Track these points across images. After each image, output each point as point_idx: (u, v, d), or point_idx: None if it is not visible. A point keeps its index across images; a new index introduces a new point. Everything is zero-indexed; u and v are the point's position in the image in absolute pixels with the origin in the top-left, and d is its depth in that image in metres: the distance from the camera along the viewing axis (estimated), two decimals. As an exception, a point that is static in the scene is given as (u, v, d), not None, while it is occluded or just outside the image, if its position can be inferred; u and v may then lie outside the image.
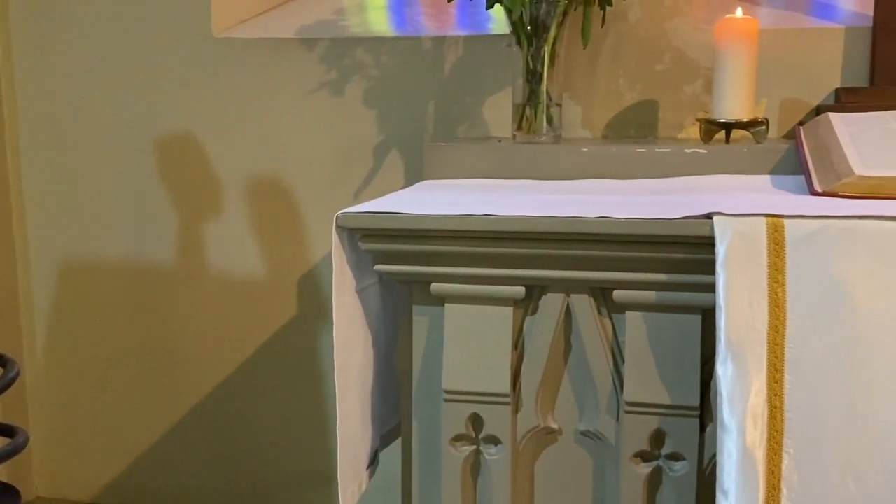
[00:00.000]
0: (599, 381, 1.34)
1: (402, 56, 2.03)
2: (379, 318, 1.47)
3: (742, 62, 1.66)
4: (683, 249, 1.25)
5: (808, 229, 1.17)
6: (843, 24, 1.86)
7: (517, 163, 1.70)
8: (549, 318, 1.35)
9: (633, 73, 1.93)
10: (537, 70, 1.73)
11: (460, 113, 2.01)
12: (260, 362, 2.22)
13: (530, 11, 1.69)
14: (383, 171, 2.06)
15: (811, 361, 1.17)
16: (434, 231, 1.30)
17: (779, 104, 1.87)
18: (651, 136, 1.93)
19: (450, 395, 1.37)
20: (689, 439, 1.31)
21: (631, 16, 1.90)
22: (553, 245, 1.28)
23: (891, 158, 1.39)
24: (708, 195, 1.38)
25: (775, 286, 1.18)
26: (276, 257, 2.17)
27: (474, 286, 1.34)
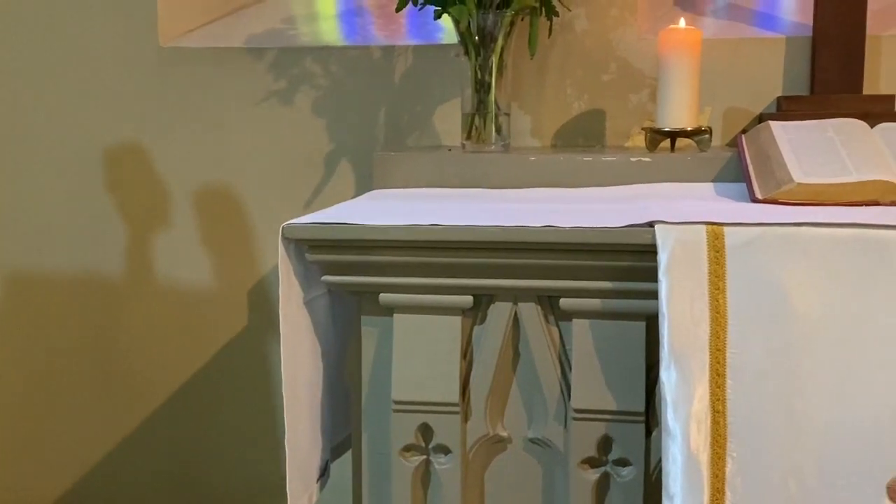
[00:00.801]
0: (547, 389, 1.36)
1: (351, 65, 2.02)
2: (328, 329, 1.46)
3: (685, 72, 1.69)
4: (627, 257, 1.27)
5: (746, 236, 1.19)
6: (784, 34, 1.90)
7: (466, 172, 1.71)
8: (497, 327, 1.36)
9: (580, 83, 1.95)
10: (485, 80, 1.74)
11: (410, 122, 2.01)
12: (210, 375, 2.19)
13: (478, 22, 1.71)
14: (333, 181, 2.05)
15: (752, 366, 1.19)
16: (381, 241, 1.30)
17: (723, 113, 1.90)
18: (599, 145, 1.96)
19: (399, 406, 1.37)
20: (636, 445, 1.33)
21: (577, 26, 1.92)
22: (500, 254, 1.29)
23: (829, 166, 1.43)
24: (651, 203, 1.40)
25: (716, 293, 1.20)
26: (225, 268, 2.15)
27: (422, 296, 1.34)
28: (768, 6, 2.08)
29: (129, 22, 2.11)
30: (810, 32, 1.81)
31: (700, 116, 1.85)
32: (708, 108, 1.89)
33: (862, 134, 1.51)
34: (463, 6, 1.67)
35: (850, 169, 1.41)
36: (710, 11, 2.08)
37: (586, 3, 1.91)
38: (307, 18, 2.27)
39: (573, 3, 1.89)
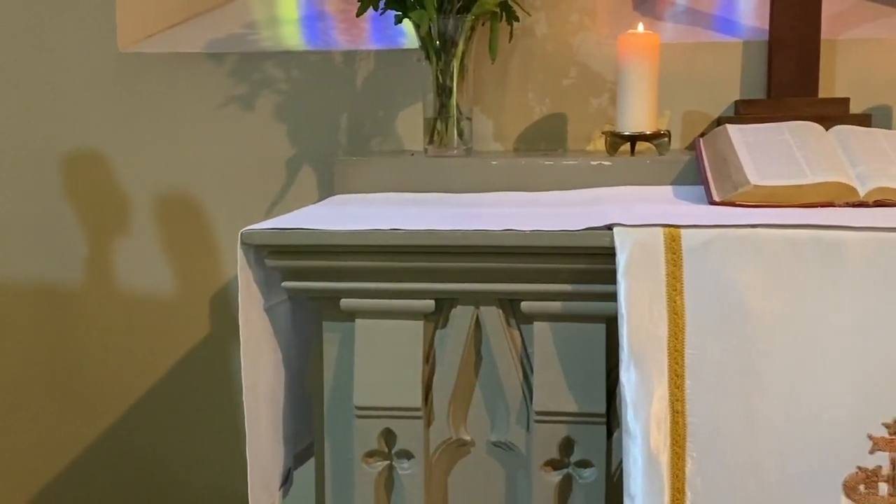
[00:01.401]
0: (509, 392, 1.36)
1: (312, 70, 2.02)
2: (289, 335, 1.46)
3: (644, 76, 1.71)
4: (586, 260, 1.28)
5: (703, 238, 1.20)
6: (741, 39, 1.92)
7: (429, 176, 1.71)
8: (459, 331, 1.36)
9: (541, 87, 1.96)
10: (447, 84, 1.75)
11: (373, 127, 2.01)
12: (172, 383, 2.17)
13: (438, 26, 1.71)
14: (296, 187, 2.04)
15: (710, 367, 1.20)
16: (342, 246, 1.30)
17: (682, 116, 1.92)
18: (560, 149, 1.97)
19: (361, 411, 1.37)
20: (597, 446, 1.33)
21: (538, 31, 1.94)
22: (461, 258, 1.30)
23: (785, 168, 1.45)
24: (610, 206, 1.41)
25: (674, 294, 1.21)
26: (186, 275, 2.13)
27: (384, 301, 1.34)
28: (726, 11, 2.11)
29: (88, 27, 2.09)
30: (767, 37, 1.84)
31: (659, 120, 1.87)
32: (667, 111, 1.91)
33: (817, 136, 1.53)
34: (423, 11, 1.67)
35: (806, 171, 1.43)
36: (669, 16, 2.10)
37: (546, 7, 1.93)
38: (268, 23, 2.25)
39: (533, 8, 1.91)
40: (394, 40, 2.06)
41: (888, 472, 1.18)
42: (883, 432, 1.17)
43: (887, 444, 1.17)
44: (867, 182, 1.40)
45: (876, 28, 1.91)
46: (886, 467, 1.18)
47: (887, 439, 1.17)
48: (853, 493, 1.18)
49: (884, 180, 1.40)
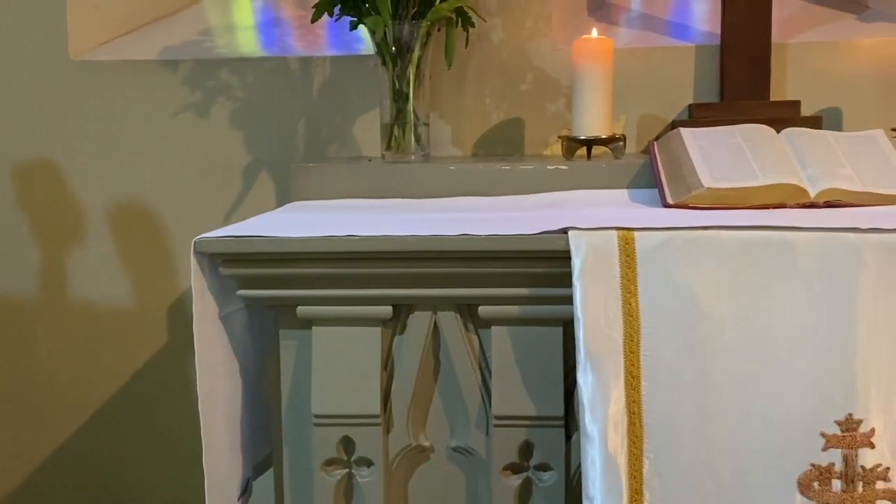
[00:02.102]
0: (468, 397, 1.36)
1: (268, 77, 2.00)
2: (246, 343, 1.44)
3: (599, 81, 1.72)
4: (542, 264, 1.28)
5: (656, 241, 1.21)
6: (694, 43, 1.94)
7: (387, 182, 1.71)
8: (417, 337, 1.35)
9: (498, 93, 1.97)
10: (403, 90, 1.75)
11: (330, 133, 2.00)
12: (129, 394, 2.14)
13: (393, 32, 1.71)
14: (253, 194, 2.02)
15: (665, 368, 1.21)
16: (297, 254, 1.29)
17: (637, 120, 1.94)
18: (518, 154, 1.98)
19: (320, 420, 1.36)
20: (556, 449, 1.34)
21: (494, 37, 1.94)
22: (418, 263, 1.29)
23: (737, 171, 1.47)
24: (566, 210, 1.42)
25: (628, 296, 1.22)
26: (143, 285, 2.10)
27: (341, 308, 1.33)
28: (680, 16, 2.13)
29: (38, 35, 2.06)
30: (719, 41, 1.86)
31: (615, 124, 1.88)
32: (623, 115, 1.92)
33: (769, 139, 1.55)
34: (378, 17, 1.67)
35: (757, 173, 1.45)
36: (624, 21, 2.12)
37: (502, 13, 1.93)
38: (224, 30, 2.24)
39: (489, 14, 1.91)
40: (351, 46, 2.05)
41: (841, 469, 1.19)
42: (835, 430, 1.19)
43: (840, 442, 1.19)
44: (817, 183, 1.43)
45: (826, 31, 1.94)
46: (839, 464, 1.19)
47: (839, 436, 1.19)
48: (807, 490, 1.20)
49: (834, 181, 1.43)
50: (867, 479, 1.19)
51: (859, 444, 1.19)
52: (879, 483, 1.19)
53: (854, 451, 1.19)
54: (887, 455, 1.19)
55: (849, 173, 1.44)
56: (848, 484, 1.19)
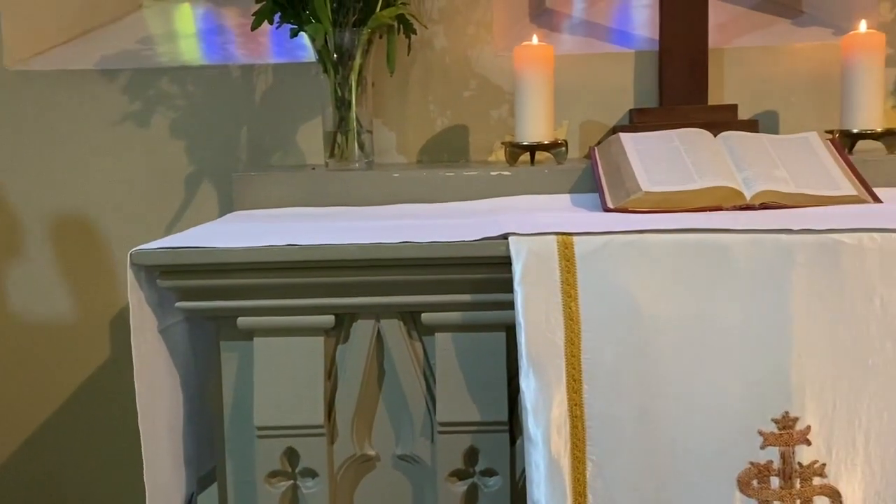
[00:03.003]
0: (413, 404, 1.36)
1: (209, 85, 1.98)
2: (187, 356, 1.42)
3: (540, 87, 1.73)
4: (484, 270, 1.28)
5: (594, 245, 1.22)
6: (634, 49, 1.97)
7: (331, 190, 1.70)
8: (361, 346, 1.35)
9: (442, 100, 1.97)
10: (345, 97, 1.74)
11: (273, 141, 1.99)
12: (71, 410, 2.10)
13: (334, 40, 1.70)
14: (195, 204, 2.00)
15: (606, 370, 1.22)
16: (236, 264, 1.28)
17: (579, 126, 1.96)
18: (463, 160, 1.98)
19: (263, 431, 1.34)
20: (501, 454, 1.34)
21: (436, 44, 1.95)
22: (359, 272, 1.29)
23: (675, 174, 1.49)
24: (508, 216, 1.42)
25: (569, 300, 1.23)
26: (84, 299, 2.06)
27: (282, 318, 1.32)
28: (620, 22, 2.16)
29: (-29, 44, 2.01)
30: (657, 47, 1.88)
31: (558, 130, 1.90)
32: (565, 121, 1.94)
33: (706, 142, 1.58)
34: (318, 24, 1.67)
35: (695, 176, 1.47)
36: (566, 28, 2.14)
37: (444, 20, 1.94)
38: (165, 38, 2.21)
39: (431, 21, 1.92)
40: (294, 54, 2.04)
41: (779, 466, 1.21)
42: (772, 428, 1.21)
43: (777, 439, 1.21)
44: (753, 185, 1.45)
45: (761, 36, 1.98)
46: (777, 461, 1.21)
47: (776, 434, 1.21)
48: (747, 489, 1.22)
49: (769, 183, 1.45)
50: (804, 476, 1.21)
51: (796, 442, 1.21)
52: (816, 479, 1.22)
53: (791, 449, 1.21)
54: (823, 451, 1.21)
55: (783, 175, 1.47)
56: (786, 481, 1.21)
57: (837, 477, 1.21)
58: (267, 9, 1.75)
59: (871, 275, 1.19)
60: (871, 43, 1.71)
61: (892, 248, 1.20)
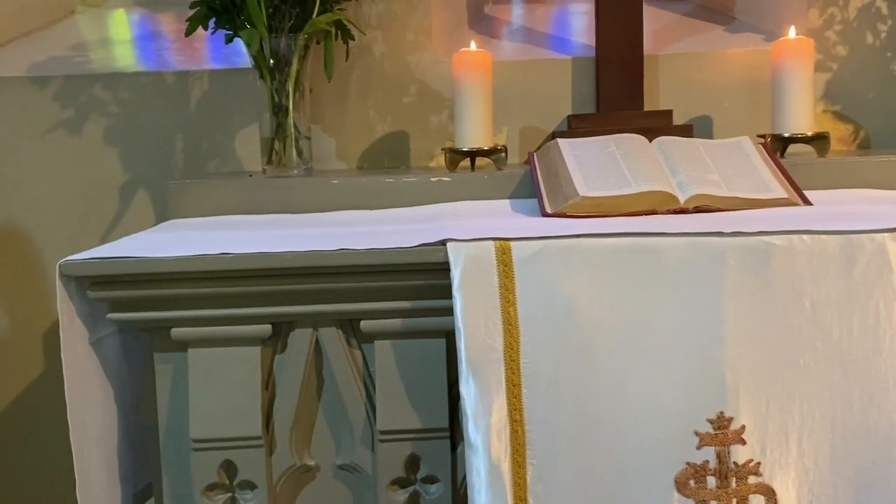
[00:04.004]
0: (353, 413, 1.34)
1: (143, 92, 1.95)
2: (120, 369, 1.39)
3: (479, 93, 1.74)
4: (423, 276, 1.28)
5: (531, 250, 1.23)
6: (571, 56, 1.99)
7: (268, 197, 1.68)
8: (299, 355, 1.33)
9: (382, 106, 1.96)
10: (283, 103, 1.72)
11: (210, 148, 1.96)
12: (3, 425, 2.03)
13: (270, 45, 1.68)
14: (131, 213, 1.96)
15: (545, 374, 1.23)
16: (168, 274, 1.25)
17: (519, 131, 1.97)
18: (404, 166, 1.98)
19: (199, 444, 1.32)
20: (442, 461, 1.34)
21: (375, 50, 1.94)
22: (296, 280, 1.27)
23: (611, 179, 1.50)
24: (447, 222, 1.42)
25: (507, 305, 1.23)
26: (17, 311, 2.01)
27: (217, 328, 1.30)
28: (559, 29, 2.18)
29: None
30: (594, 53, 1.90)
31: (497, 136, 1.91)
32: (505, 127, 1.95)
33: (641, 147, 1.60)
34: (253, 30, 1.65)
35: (630, 181, 1.48)
36: (505, 34, 2.15)
37: (382, 26, 1.94)
38: (98, 44, 2.16)
39: (369, 27, 1.91)
40: (232, 60, 2.01)
41: (715, 466, 1.23)
42: (708, 428, 1.23)
43: (712, 439, 1.23)
44: (687, 189, 1.47)
45: (695, 42, 2.02)
46: (713, 461, 1.23)
47: (712, 434, 1.23)
48: (684, 489, 1.23)
49: (702, 187, 1.48)
50: (740, 475, 1.23)
51: (731, 441, 1.23)
52: (751, 478, 1.24)
53: (726, 448, 1.23)
54: (757, 450, 1.23)
55: (716, 179, 1.50)
56: (722, 480, 1.23)
57: (772, 475, 1.24)
58: (201, 14, 1.73)
59: (801, 276, 1.22)
60: (801, 48, 1.75)
61: (821, 249, 1.22)
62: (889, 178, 1.63)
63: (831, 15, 1.94)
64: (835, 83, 1.95)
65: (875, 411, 1.23)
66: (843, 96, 1.95)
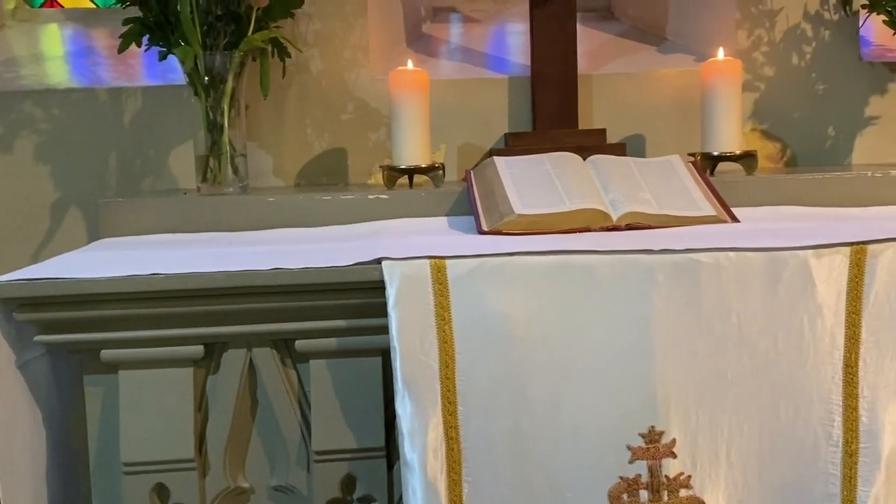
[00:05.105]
0: (288, 434, 1.33)
1: (75, 109, 1.91)
2: (49, 391, 1.35)
3: (416, 111, 1.75)
4: (358, 295, 1.28)
5: (466, 268, 1.24)
6: (508, 75, 2.01)
7: (203, 216, 1.66)
8: (232, 375, 1.32)
9: (319, 123, 1.96)
10: (218, 121, 1.71)
11: (144, 166, 1.93)
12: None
13: (205, 62, 1.67)
14: (63, 232, 1.92)
15: (480, 392, 1.24)
16: (98, 295, 1.23)
17: (457, 149, 1.98)
18: (342, 183, 1.97)
19: (130, 468, 1.30)
20: (378, 481, 1.33)
21: (313, 67, 1.94)
22: (228, 300, 1.26)
23: (546, 197, 1.52)
24: (383, 240, 1.42)
25: (442, 323, 1.23)
26: (-60, 333, 1.94)
27: (148, 349, 1.28)
28: (496, 48, 2.20)
29: None
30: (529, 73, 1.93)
31: (435, 153, 1.92)
32: (443, 144, 1.97)
33: (575, 166, 1.62)
34: (187, 47, 1.63)
35: (564, 199, 1.51)
36: (443, 53, 2.17)
37: (319, 44, 1.94)
38: (29, 59, 2.12)
39: (306, 45, 1.91)
40: (167, 76, 1.99)
41: (647, 480, 1.25)
42: (640, 442, 1.24)
43: (644, 453, 1.25)
44: (619, 207, 1.50)
45: (628, 63, 2.06)
46: (645, 475, 1.25)
47: (644, 448, 1.24)
48: (617, 502, 1.25)
49: (634, 205, 1.50)
50: (671, 488, 1.25)
51: (662, 455, 1.25)
52: (683, 491, 1.26)
53: (658, 462, 1.25)
54: (688, 463, 1.25)
55: (647, 197, 1.53)
56: (654, 494, 1.25)
57: (703, 488, 1.26)
58: (135, 31, 1.71)
59: (728, 292, 1.25)
60: (729, 69, 1.80)
61: (746, 266, 1.26)
62: (815, 195, 1.69)
63: (759, 36, 2.00)
64: (762, 102, 2.01)
65: (801, 424, 1.26)
66: (770, 115, 2.01)
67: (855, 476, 1.26)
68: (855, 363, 1.26)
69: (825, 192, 1.69)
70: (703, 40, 2.05)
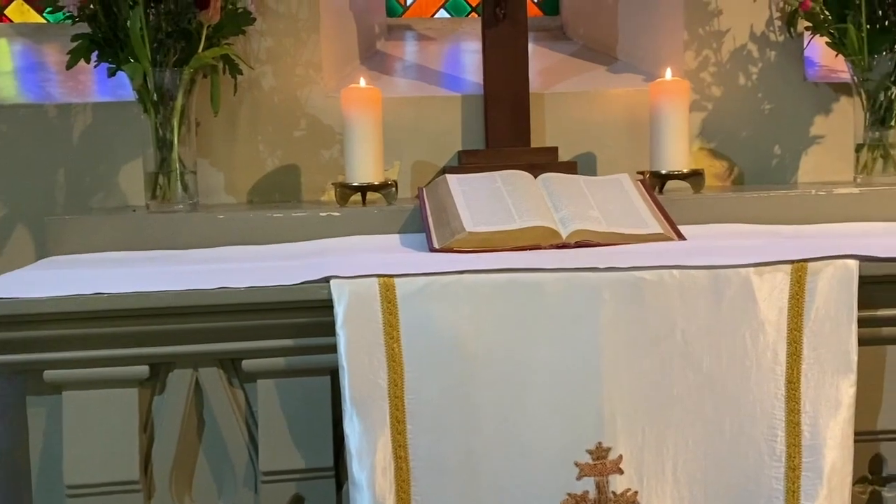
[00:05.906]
0: (235, 455, 1.32)
1: (22, 124, 1.88)
2: (-10, 414, 1.33)
3: (368, 129, 1.75)
4: (306, 314, 1.27)
5: (415, 286, 1.24)
6: (461, 93, 2.02)
7: (153, 233, 1.64)
8: (178, 396, 1.30)
9: (272, 139, 1.95)
10: (167, 137, 1.70)
11: (94, 183, 1.90)
12: None
13: (154, 79, 1.66)
14: (10, 249, 1.88)
15: (430, 411, 1.24)
16: (40, 315, 1.21)
17: (411, 166, 1.98)
18: (295, 200, 1.97)
19: (73, 490, 1.28)
20: (328, 501, 1.33)
21: (265, 84, 1.93)
22: (174, 320, 1.25)
23: (497, 215, 1.53)
24: (333, 258, 1.42)
25: (391, 342, 1.24)
26: None
27: (92, 370, 1.26)
28: (450, 67, 2.22)
29: None
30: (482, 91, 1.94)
31: (389, 171, 1.92)
32: (397, 162, 1.97)
33: (526, 184, 1.64)
34: (137, 63, 1.62)
35: (515, 217, 1.52)
36: (398, 70, 2.17)
37: (272, 61, 1.93)
38: (-22, 74, 2.09)
39: (258, 62, 1.91)
40: (117, 93, 1.97)
41: (595, 496, 1.26)
42: (587, 458, 1.26)
43: (592, 470, 1.26)
44: (569, 225, 1.52)
45: (579, 82, 2.09)
46: (593, 492, 1.26)
47: (591, 465, 1.26)
48: (566, 519, 1.25)
49: (583, 223, 1.52)
50: (619, 504, 1.27)
51: (609, 471, 1.26)
52: (630, 506, 1.27)
53: (605, 478, 1.26)
54: (635, 479, 1.27)
55: (596, 215, 1.54)
56: (602, 509, 1.26)
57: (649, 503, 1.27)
58: (83, 47, 1.69)
59: (673, 309, 1.27)
60: (677, 89, 1.83)
61: (691, 283, 1.28)
62: (761, 213, 1.72)
63: (706, 57, 2.04)
64: (710, 122, 2.05)
65: (744, 439, 1.28)
66: (718, 134, 2.05)
67: (798, 490, 1.28)
68: (797, 379, 1.29)
69: (771, 210, 1.72)
70: (652, 60, 2.08)
